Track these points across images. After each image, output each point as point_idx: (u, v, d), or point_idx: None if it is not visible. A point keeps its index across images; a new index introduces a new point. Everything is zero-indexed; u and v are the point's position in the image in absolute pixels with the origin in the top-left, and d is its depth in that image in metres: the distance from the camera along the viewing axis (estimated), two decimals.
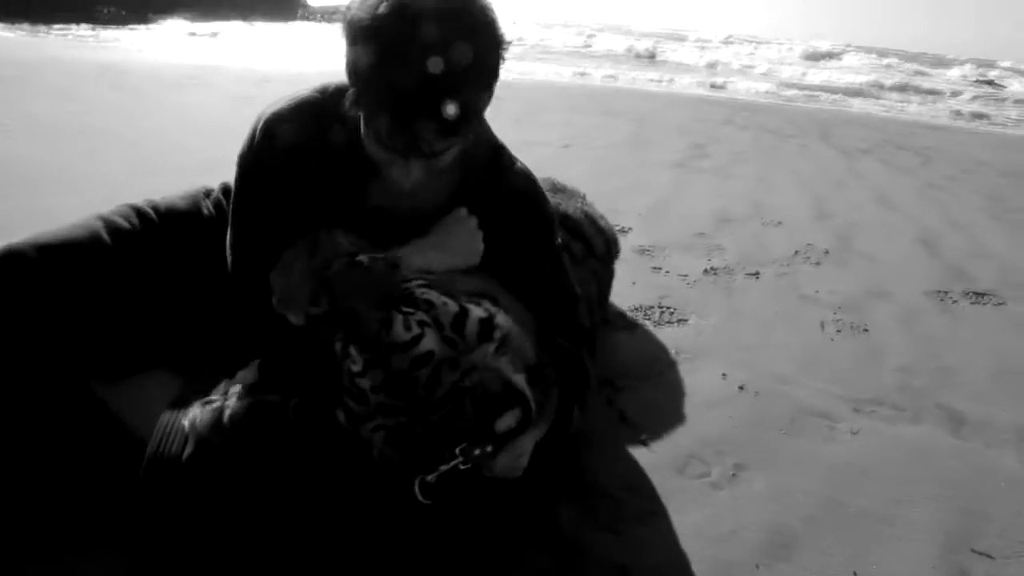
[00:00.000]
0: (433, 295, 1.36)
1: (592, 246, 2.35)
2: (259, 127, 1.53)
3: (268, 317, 1.48)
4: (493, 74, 1.34)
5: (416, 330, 1.29)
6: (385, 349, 1.28)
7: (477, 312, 1.37)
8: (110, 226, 1.65)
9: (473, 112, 1.34)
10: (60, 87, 6.97)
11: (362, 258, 1.37)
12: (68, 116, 5.62)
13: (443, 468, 1.29)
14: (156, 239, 1.71)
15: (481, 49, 1.28)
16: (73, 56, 9.80)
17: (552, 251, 1.71)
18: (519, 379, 1.34)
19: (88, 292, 1.56)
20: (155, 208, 1.76)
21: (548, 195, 1.75)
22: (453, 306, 1.35)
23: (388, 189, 1.52)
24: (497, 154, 1.67)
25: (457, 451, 1.28)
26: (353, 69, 1.31)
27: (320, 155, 1.53)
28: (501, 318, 1.40)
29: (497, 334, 1.36)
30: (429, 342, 1.29)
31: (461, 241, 1.57)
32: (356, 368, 1.30)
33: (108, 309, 1.59)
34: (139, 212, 1.73)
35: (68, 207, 3.12)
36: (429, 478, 1.29)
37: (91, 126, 5.37)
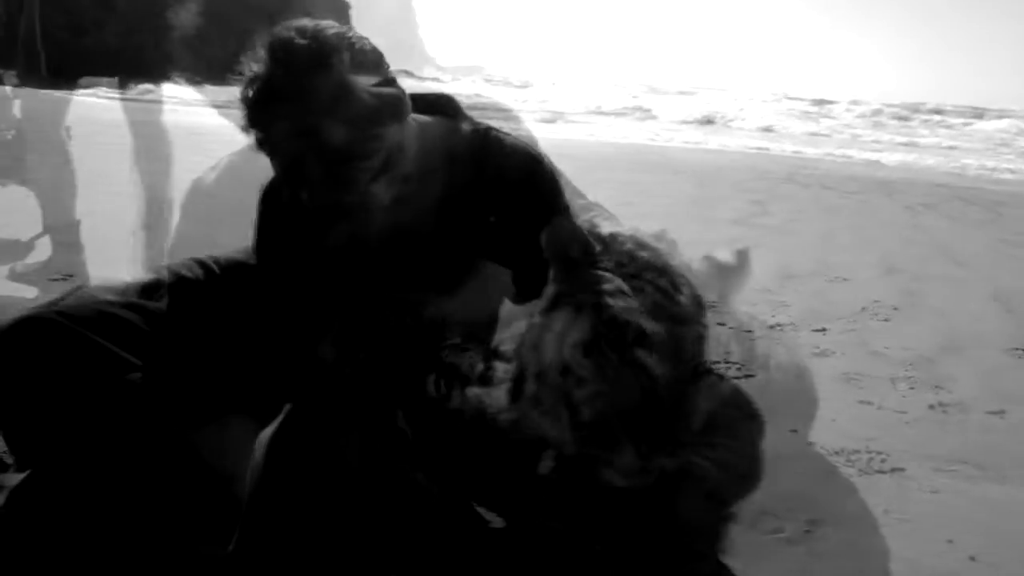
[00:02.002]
0: (462, 359, 1.40)
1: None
2: (260, 198, 1.74)
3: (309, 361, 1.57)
4: (335, 88, 1.42)
5: (444, 389, 1.36)
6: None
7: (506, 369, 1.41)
8: (173, 273, 1.78)
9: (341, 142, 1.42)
10: (140, 148, 7.37)
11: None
12: (149, 176, 5.92)
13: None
14: (217, 287, 1.82)
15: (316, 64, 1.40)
16: (148, 119, 10.36)
17: (557, 211, 1.70)
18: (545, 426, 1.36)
19: (155, 332, 1.66)
20: (216, 261, 1.88)
21: (641, 248, 1.74)
22: (480, 367, 1.39)
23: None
24: (483, 139, 1.69)
25: None
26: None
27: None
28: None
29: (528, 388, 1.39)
30: (456, 401, 1.35)
31: (491, 293, 1.58)
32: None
33: (177, 350, 1.68)
34: (201, 263, 1.85)
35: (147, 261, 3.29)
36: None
37: (172, 185, 5.65)
